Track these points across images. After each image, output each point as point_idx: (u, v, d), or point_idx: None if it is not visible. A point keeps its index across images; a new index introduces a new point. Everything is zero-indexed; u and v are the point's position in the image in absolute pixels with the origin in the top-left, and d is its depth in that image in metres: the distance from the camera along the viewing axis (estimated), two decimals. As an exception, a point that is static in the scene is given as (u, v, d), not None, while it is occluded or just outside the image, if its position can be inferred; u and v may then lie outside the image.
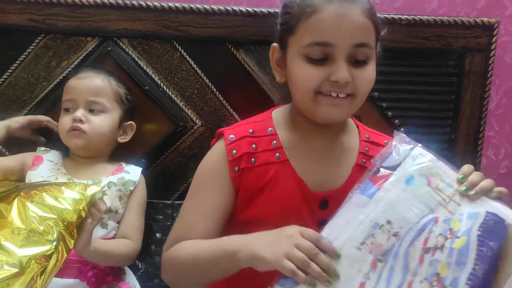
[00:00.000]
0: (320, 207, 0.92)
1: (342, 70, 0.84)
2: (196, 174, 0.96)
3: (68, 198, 0.94)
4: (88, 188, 0.96)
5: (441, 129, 1.44)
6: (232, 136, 0.92)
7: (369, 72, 0.88)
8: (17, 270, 0.83)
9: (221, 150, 0.92)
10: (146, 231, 1.22)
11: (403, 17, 1.34)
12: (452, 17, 1.37)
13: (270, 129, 0.94)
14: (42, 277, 0.87)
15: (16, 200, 0.93)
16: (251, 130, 0.93)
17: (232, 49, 1.33)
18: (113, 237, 1.15)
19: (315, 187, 0.92)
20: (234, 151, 0.91)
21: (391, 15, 1.33)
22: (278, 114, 0.98)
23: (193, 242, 0.89)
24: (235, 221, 0.94)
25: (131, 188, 1.18)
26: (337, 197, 0.87)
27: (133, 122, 1.26)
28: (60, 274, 0.97)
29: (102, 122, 1.18)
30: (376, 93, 1.38)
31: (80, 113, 1.16)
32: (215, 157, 0.94)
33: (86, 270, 1.08)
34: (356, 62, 0.86)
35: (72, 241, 0.92)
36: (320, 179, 0.93)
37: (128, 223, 1.16)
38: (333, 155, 0.95)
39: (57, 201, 0.93)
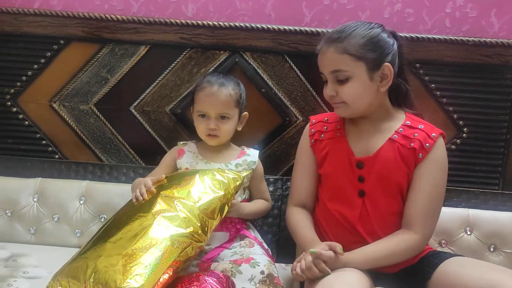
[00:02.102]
0: (357, 167, 1.31)
1: (326, 89, 1.30)
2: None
3: (229, 177, 1.35)
4: (241, 172, 1.40)
5: (498, 130, 1.65)
6: (313, 120, 1.43)
7: (349, 87, 1.25)
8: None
9: (307, 129, 1.43)
10: (262, 198, 1.58)
11: (470, 38, 1.59)
12: (510, 39, 1.59)
13: (339, 118, 1.38)
14: (213, 223, 1.29)
15: (197, 175, 1.34)
16: (326, 118, 1.41)
17: (330, 61, 1.64)
18: (247, 200, 1.52)
19: (358, 154, 1.31)
20: (312, 130, 1.40)
21: (460, 37, 1.59)
22: None
23: (295, 219, 1.38)
24: (320, 175, 1.38)
25: (253, 167, 1.52)
26: (370, 160, 1.29)
27: (246, 112, 1.54)
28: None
29: (229, 126, 1.48)
30: (444, 99, 1.62)
31: (213, 124, 1.45)
32: (304, 135, 1.43)
33: (227, 224, 1.43)
34: (339, 81, 1.26)
35: (229, 205, 1.33)
36: (363, 149, 1.32)
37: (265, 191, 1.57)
38: (373, 134, 1.32)
39: (222, 177, 1.34)
